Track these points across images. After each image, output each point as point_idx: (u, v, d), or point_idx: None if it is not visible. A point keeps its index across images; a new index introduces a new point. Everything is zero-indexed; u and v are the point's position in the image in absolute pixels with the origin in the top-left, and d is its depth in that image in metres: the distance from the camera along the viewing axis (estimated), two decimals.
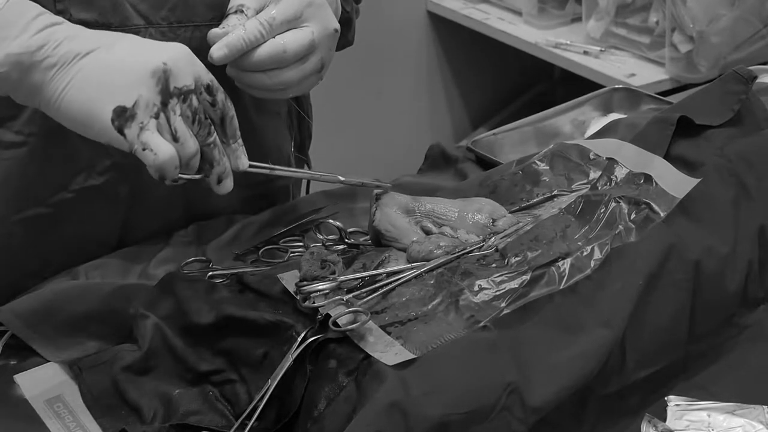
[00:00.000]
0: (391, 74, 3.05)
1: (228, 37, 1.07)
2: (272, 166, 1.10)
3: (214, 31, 1.09)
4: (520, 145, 1.47)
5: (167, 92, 0.95)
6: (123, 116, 0.94)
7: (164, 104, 0.95)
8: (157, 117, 0.95)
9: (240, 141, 1.03)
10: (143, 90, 0.95)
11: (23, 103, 1.01)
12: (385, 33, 2.95)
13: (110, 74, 0.96)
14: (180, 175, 0.97)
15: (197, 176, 1.00)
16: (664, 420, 0.94)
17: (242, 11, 1.09)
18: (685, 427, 0.94)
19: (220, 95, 1.00)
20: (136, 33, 1.12)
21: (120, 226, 1.22)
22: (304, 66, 1.11)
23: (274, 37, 1.08)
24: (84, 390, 1.02)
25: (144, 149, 0.95)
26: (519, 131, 1.49)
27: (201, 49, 1.07)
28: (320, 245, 1.16)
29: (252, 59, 1.08)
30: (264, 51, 1.08)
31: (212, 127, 1.00)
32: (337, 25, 1.14)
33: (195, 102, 0.97)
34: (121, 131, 0.95)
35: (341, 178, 1.14)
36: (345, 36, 1.28)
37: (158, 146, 0.95)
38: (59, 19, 0.99)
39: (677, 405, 0.96)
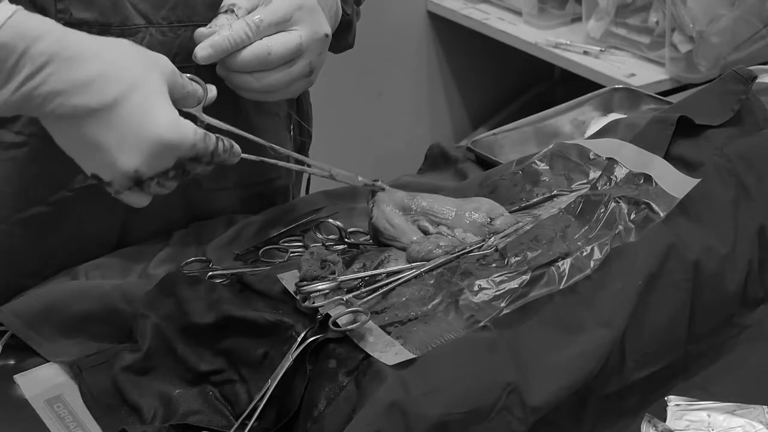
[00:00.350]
0: (391, 74, 3.05)
1: (214, 36, 1.07)
2: (267, 145, 1.09)
3: (201, 30, 1.09)
4: (520, 145, 1.47)
5: (141, 181, 0.97)
6: (100, 180, 0.97)
7: (139, 185, 0.97)
8: (131, 189, 0.97)
9: (233, 149, 1.02)
10: (117, 177, 0.96)
11: None
12: (385, 33, 2.95)
13: (90, 150, 0.95)
14: None
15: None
16: (664, 420, 0.94)
17: (233, 11, 1.09)
18: (685, 427, 0.94)
19: (206, 159, 0.98)
20: (137, 32, 1.12)
21: (120, 226, 1.22)
22: (290, 69, 1.11)
23: (261, 39, 1.08)
24: (84, 390, 1.02)
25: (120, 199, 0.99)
26: (519, 131, 1.49)
27: None
28: (320, 245, 1.16)
29: (237, 60, 1.08)
30: (249, 52, 1.08)
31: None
32: (329, 30, 1.13)
33: (172, 174, 0.98)
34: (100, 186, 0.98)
35: (334, 175, 1.12)
36: (345, 39, 1.28)
37: (133, 204, 0.99)
38: (53, 50, 0.92)
39: (677, 405, 0.96)
